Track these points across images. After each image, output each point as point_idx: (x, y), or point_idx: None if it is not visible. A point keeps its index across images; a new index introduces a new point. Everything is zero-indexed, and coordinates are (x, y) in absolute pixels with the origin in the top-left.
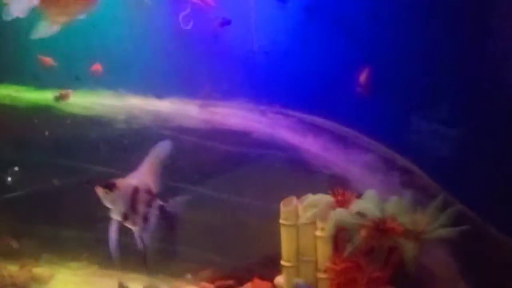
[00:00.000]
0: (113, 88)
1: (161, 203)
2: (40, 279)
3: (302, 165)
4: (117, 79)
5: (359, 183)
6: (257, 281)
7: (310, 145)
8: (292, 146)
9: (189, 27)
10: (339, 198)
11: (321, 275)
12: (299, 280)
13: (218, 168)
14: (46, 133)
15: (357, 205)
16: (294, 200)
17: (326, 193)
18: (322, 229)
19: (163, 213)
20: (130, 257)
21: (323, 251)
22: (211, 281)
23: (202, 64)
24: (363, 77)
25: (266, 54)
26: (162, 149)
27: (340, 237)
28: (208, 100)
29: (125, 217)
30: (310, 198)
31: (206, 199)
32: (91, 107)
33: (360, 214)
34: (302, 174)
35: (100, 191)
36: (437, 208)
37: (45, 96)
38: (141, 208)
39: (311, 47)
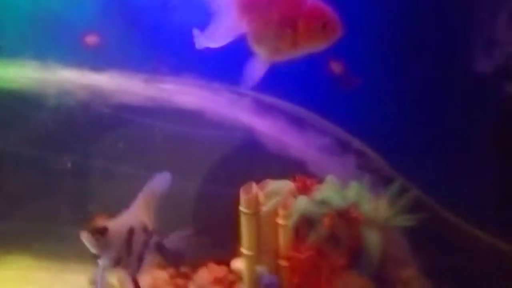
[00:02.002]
0: (40, 58)
1: (158, 240)
2: None
3: (258, 147)
4: (45, 47)
5: (315, 166)
6: (212, 265)
7: (266, 127)
8: (248, 128)
9: None
10: (301, 185)
11: (283, 263)
12: (263, 270)
13: (167, 150)
14: None
15: (319, 193)
16: (254, 187)
17: (282, 177)
18: (284, 216)
19: (161, 250)
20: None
21: (285, 239)
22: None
23: (148, 33)
24: (337, 68)
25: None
26: (159, 182)
27: (301, 225)
28: (155, 75)
29: (118, 262)
30: (272, 185)
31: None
32: (14, 80)
33: (323, 203)
34: (257, 157)
35: (88, 237)
36: (395, 194)
37: None
38: (136, 249)
39: None
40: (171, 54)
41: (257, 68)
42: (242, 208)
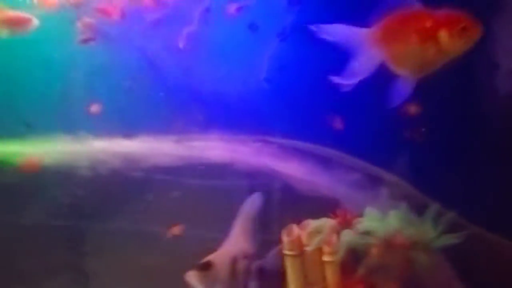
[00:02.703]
0: (71, 131)
1: (259, 264)
2: None
3: (289, 191)
4: (75, 120)
5: (348, 202)
6: None
7: (294, 170)
8: (277, 174)
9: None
10: (342, 219)
11: None
12: None
13: (200, 206)
14: None
15: (361, 224)
16: (295, 228)
17: (318, 216)
18: (330, 253)
19: (263, 274)
20: None
21: (333, 276)
22: None
23: (174, 96)
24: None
25: (242, 83)
26: (252, 204)
27: (348, 260)
28: (183, 135)
29: None
30: (313, 224)
31: (198, 241)
32: (46, 155)
33: (368, 233)
34: (290, 201)
35: (195, 275)
36: (434, 217)
37: None
38: (241, 278)
39: (286, 73)
40: (197, 113)
41: (404, 88)
42: (286, 251)
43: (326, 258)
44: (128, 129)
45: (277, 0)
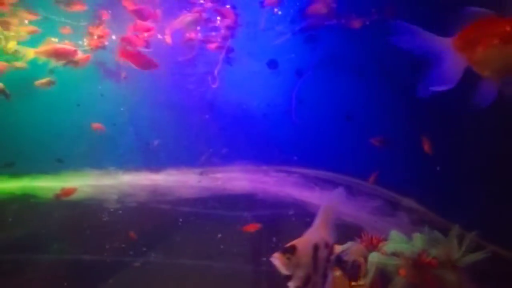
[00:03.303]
0: (101, 167)
1: (338, 253)
2: None
3: (312, 219)
4: (104, 156)
5: (371, 228)
6: None
7: (317, 198)
8: (299, 202)
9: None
10: (368, 242)
11: None
12: None
13: (225, 236)
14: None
15: (388, 246)
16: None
17: (341, 243)
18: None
19: (341, 264)
20: None
21: None
22: None
23: (198, 131)
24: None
25: (263, 116)
26: (335, 198)
27: (377, 283)
28: (208, 167)
29: (307, 281)
30: (339, 248)
31: (227, 274)
32: (78, 189)
33: (395, 254)
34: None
35: (280, 259)
36: (457, 237)
37: (22, 184)
38: (321, 265)
39: (305, 106)
40: (220, 146)
41: (489, 89)
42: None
43: (354, 283)
44: (155, 164)
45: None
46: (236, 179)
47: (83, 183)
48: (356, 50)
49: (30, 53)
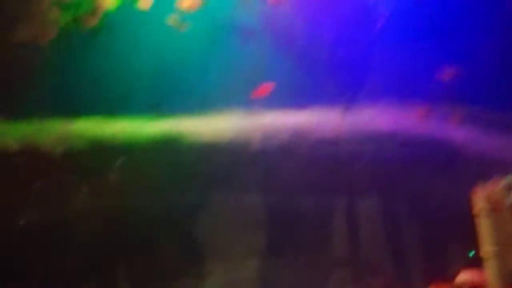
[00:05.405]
0: (245, 106)
1: None
2: None
3: (457, 156)
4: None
5: None
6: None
7: (463, 136)
8: (444, 140)
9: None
10: None
11: None
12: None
13: (368, 174)
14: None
15: None
16: (489, 184)
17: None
18: None
19: None
20: None
21: None
22: None
23: (341, 68)
24: None
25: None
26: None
27: None
28: (351, 104)
29: None
30: (506, 179)
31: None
32: (221, 134)
33: None
34: (459, 165)
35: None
36: None
37: (164, 127)
38: None
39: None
40: (363, 83)
41: None
42: (480, 207)
43: None
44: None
45: None
46: (378, 116)
47: (226, 125)
48: None
49: None
